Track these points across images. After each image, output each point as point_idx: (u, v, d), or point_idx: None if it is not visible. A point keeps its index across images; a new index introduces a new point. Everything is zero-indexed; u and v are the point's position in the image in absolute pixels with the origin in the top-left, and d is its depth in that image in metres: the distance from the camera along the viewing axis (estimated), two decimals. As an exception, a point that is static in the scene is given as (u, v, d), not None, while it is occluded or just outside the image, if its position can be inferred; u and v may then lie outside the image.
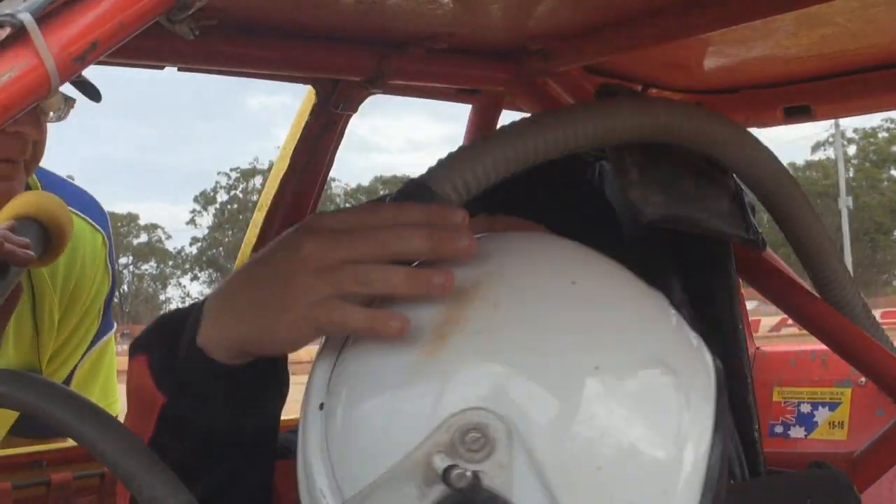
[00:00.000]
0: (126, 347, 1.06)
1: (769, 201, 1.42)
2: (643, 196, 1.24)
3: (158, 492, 0.91)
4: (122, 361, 1.19)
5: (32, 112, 1.67)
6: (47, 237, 1.58)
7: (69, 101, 1.77)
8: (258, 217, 1.77)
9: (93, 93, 1.70)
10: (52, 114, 1.77)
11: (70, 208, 1.85)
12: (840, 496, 1.23)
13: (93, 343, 1.98)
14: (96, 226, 1.94)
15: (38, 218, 1.57)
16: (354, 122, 1.71)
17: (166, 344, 0.99)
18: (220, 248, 71.03)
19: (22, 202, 1.59)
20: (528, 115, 1.77)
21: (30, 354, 1.87)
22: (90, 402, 1.01)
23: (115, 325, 2.09)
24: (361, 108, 1.68)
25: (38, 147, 1.74)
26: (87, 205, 1.95)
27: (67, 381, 1.96)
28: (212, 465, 1.00)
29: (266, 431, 1.05)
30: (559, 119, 1.20)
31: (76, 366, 1.96)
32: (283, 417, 1.95)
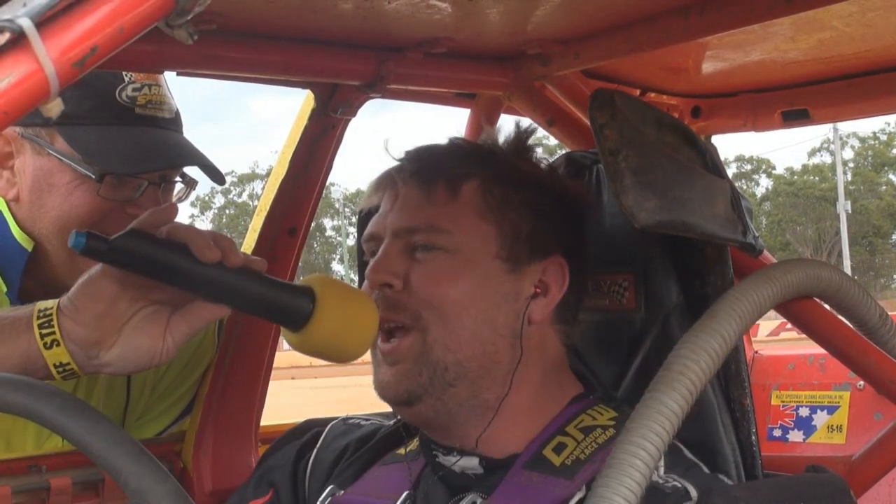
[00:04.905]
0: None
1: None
2: (637, 201, 1.23)
3: (145, 482, 0.92)
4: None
5: (153, 196, 1.69)
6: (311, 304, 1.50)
7: (191, 183, 1.77)
8: (257, 222, 1.77)
9: (218, 177, 1.73)
10: (176, 194, 1.77)
11: None
12: (835, 500, 1.23)
13: (186, 412, 1.89)
14: None
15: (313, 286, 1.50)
16: (356, 123, 1.70)
17: None
18: (220, 253, 70.58)
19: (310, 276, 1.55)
20: (524, 118, 1.78)
21: (116, 420, 1.83)
22: (74, 398, 1.02)
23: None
24: (364, 109, 1.68)
25: None
26: None
27: None
28: None
29: None
30: None
31: (165, 430, 1.89)
32: (277, 422, 1.94)
